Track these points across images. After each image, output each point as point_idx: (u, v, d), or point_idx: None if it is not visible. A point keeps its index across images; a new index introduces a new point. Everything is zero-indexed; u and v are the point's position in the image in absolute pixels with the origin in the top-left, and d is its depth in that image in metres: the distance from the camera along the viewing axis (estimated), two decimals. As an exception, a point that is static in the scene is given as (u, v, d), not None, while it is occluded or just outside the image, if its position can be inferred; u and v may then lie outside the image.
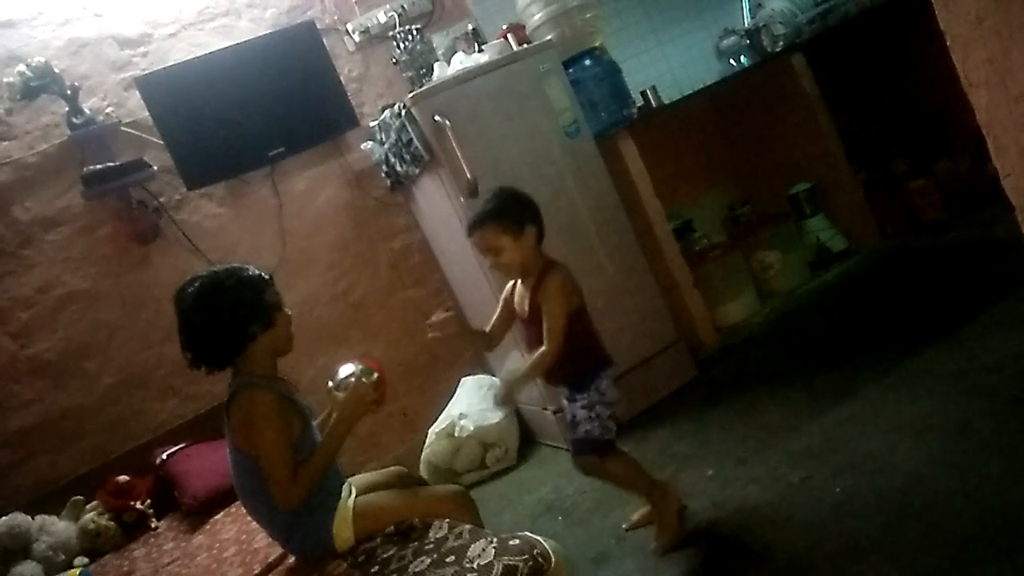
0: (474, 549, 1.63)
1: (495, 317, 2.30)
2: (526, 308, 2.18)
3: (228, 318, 1.84)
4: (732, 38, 4.28)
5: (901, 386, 2.47)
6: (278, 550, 2.08)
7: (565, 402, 2.26)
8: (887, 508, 1.91)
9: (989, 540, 1.66)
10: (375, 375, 2.02)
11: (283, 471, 1.78)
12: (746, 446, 2.55)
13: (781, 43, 3.89)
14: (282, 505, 1.80)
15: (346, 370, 2.05)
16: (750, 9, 4.35)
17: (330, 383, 2.07)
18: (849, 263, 3.77)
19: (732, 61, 4.23)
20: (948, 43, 1.22)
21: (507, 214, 2.12)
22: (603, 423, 2.17)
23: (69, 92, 3.11)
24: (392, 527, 1.88)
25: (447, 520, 1.83)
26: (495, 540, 1.63)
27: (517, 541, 1.60)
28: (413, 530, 1.84)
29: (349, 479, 2.06)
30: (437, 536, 1.77)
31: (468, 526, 1.79)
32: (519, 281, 2.24)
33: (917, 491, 1.93)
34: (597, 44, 3.64)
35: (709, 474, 2.49)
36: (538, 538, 1.63)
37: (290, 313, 1.98)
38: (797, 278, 3.82)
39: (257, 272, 1.93)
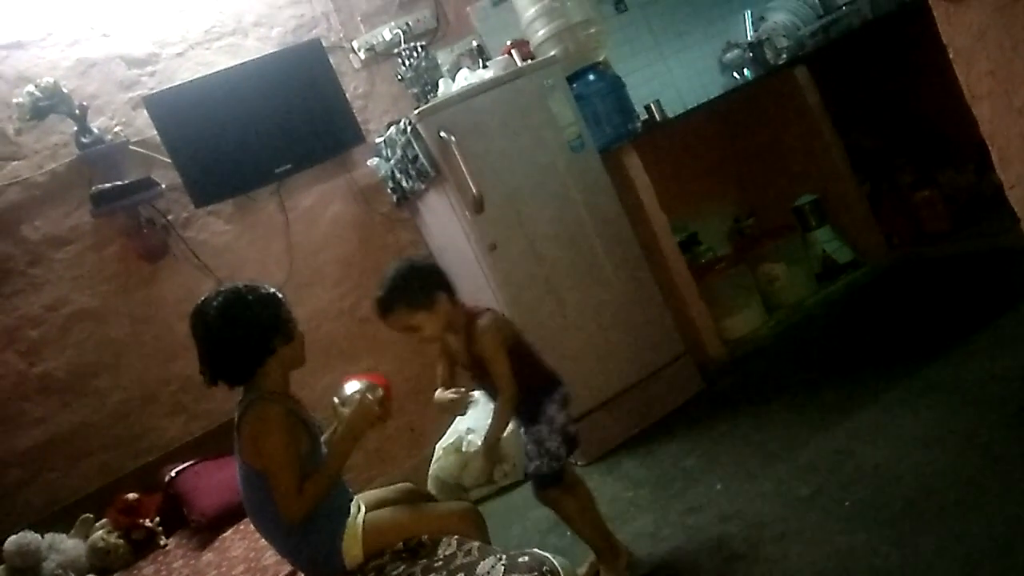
0: (483, 566, 1.62)
1: (440, 370, 2.26)
2: (468, 361, 2.17)
3: (254, 331, 1.85)
4: (735, 51, 4.29)
5: (908, 398, 2.46)
6: (287, 567, 2.08)
7: (522, 435, 2.24)
8: (897, 521, 1.90)
9: (999, 553, 1.65)
10: (380, 391, 2.02)
11: (289, 483, 1.78)
12: (754, 459, 2.55)
13: (784, 56, 3.91)
14: (286, 518, 1.80)
15: (352, 387, 2.06)
16: (753, 22, 4.37)
17: (335, 400, 2.07)
18: (855, 274, 3.76)
19: (735, 74, 4.24)
20: (951, 55, 1.22)
21: (412, 291, 2.06)
22: (552, 455, 2.14)
23: (78, 112, 3.14)
24: (401, 544, 1.87)
25: (456, 537, 1.83)
26: (504, 557, 1.63)
27: (526, 558, 1.60)
28: (422, 547, 1.84)
29: (357, 496, 2.06)
30: (446, 553, 1.77)
31: (477, 543, 1.79)
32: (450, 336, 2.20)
33: (926, 504, 1.92)
34: (601, 59, 3.66)
35: (718, 488, 2.48)
36: (547, 555, 1.62)
37: (302, 330, 2.00)
38: (803, 290, 3.81)
39: (272, 289, 1.95)
